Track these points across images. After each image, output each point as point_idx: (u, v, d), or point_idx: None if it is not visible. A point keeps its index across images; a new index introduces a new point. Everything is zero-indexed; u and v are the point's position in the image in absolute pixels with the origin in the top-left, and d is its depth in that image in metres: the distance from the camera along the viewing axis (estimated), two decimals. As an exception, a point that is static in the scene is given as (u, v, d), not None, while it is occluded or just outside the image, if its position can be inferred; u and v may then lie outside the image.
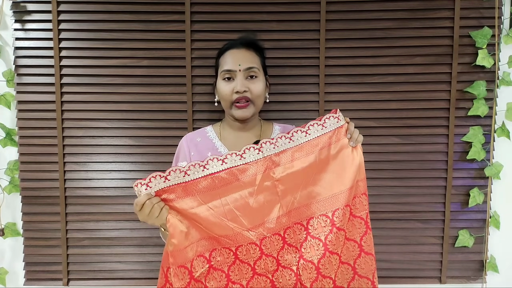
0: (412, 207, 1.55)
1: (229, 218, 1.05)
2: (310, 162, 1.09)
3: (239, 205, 1.06)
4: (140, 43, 1.51)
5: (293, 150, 1.08)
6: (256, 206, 1.06)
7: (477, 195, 1.52)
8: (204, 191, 1.05)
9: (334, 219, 1.07)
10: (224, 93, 1.17)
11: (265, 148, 1.08)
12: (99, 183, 1.55)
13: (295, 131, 1.09)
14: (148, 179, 1.02)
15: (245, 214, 1.05)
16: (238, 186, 1.06)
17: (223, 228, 1.05)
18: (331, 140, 1.10)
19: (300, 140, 1.09)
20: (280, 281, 1.07)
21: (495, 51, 1.49)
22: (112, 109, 1.53)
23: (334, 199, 1.09)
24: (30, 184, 1.55)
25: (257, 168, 1.07)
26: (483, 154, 1.51)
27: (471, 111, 1.51)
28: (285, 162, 1.08)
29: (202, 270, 1.05)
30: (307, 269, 1.06)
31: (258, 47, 1.24)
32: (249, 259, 1.07)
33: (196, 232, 1.05)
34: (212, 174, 1.05)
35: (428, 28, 1.51)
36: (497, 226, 1.56)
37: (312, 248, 1.07)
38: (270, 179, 1.07)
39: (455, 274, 1.58)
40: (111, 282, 1.57)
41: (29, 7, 1.50)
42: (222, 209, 1.05)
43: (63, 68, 1.52)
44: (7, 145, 1.55)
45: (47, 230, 1.56)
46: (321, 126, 1.10)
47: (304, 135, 1.09)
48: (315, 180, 1.09)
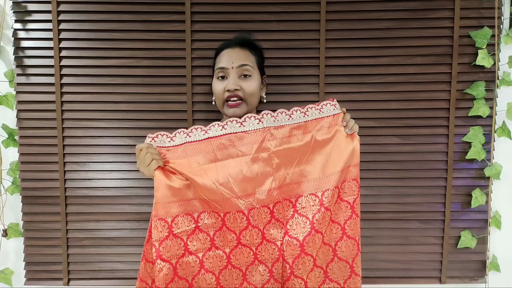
0: (412, 207, 1.55)
1: (221, 183, 1.06)
2: (306, 141, 1.11)
3: (232, 172, 1.07)
4: (140, 43, 1.51)
5: (291, 127, 1.11)
6: (250, 175, 1.08)
7: (479, 196, 1.52)
8: (202, 153, 1.08)
9: (323, 199, 1.09)
10: (216, 91, 1.18)
11: (266, 119, 1.10)
12: (99, 183, 1.55)
13: (294, 110, 1.13)
14: (155, 134, 1.09)
15: (237, 181, 1.07)
16: (234, 153, 1.09)
17: (213, 192, 1.06)
18: (328, 123, 1.13)
19: (299, 119, 1.12)
20: (263, 255, 1.09)
21: (495, 51, 1.49)
22: (112, 109, 1.53)
23: (325, 180, 1.11)
24: (31, 184, 1.55)
25: (255, 137, 1.09)
26: (483, 154, 1.51)
27: (472, 112, 1.51)
28: (283, 136, 1.10)
29: (187, 229, 1.07)
30: (291, 245, 1.08)
31: (253, 46, 1.24)
32: (235, 228, 1.08)
33: (189, 192, 1.08)
34: (212, 137, 1.09)
35: (428, 28, 1.51)
36: (498, 226, 1.56)
37: (298, 225, 1.09)
38: (266, 150, 1.09)
39: (455, 274, 1.58)
40: (111, 282, 1.58)
41: (30, 7, 1.50)
42: (215, 173, 1.07)
43: (63, 68, 1.52)
44: (10, 146, 1.55)
45: (47, 230, 1.56)
46: (319, 111, 1.13)
47: (303, 115, 1.12)
48: (309, 159, 1.11)
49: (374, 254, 1.56)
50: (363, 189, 1.51)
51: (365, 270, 1.53)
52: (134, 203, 1.55)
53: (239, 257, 1.09)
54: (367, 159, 1.53)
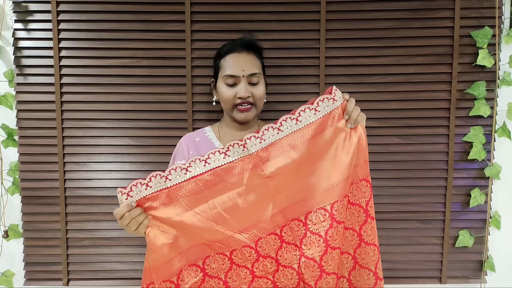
0: (412, 207, 1.55)
1: (218, 222, 0.99)
2: (303, 153, 0.99)
3: (227, 207, 0.99)
4: (140, 43, 1.51)
5: (283, 142, 0.99)
6: (246, 206, 0.99)
7: (478, 196, 1.52)
8: (189, 195, 0.98)
9: (334, 212, 1.00)
10: (226, 97, 1.17)
11: (250, 144, 0.99)
12: (99, 183, 1.54)
13: (284, 120, 0.99)
14: (129, 187, 0.97)
15: (234, 216, 0.99)
16: (225, 187, 0.99)
17: (213, 233, 0.99)
18: (326, 124, 1.00)
19: (290, 128, 0.99)
20: (282, 281, 1.01)
21: (495, 51, 1.49)
22: (112, 109, 1.53)
23: (332, 191, 1.00)
24: (30, 184, 1.55)
25: (243, 166, 0.99)
26: (484, 154, 1.50)
27: (473, 112, 1.51)
28: (275, 155, 0.99)
29: (195, 280, 1.00)
30: (310, 267, 1.00)
31: (257, 49, 1.24)
32: (246, 263, 1.01)
33: (185, 240, 1.00)
34: (195, 176, 0.98)
35: (428, 28, 1.51)
36: (498, 226, 1.56)
37: (312, 244, 1.00)
38: (259, 177, 0.99)
39: (455, 274, 1.57)
40: (111, 282, 1.57)
41: (29, 7, 1.50)
42: (210, 213, 0.98)
43: (63, 68, 1.52)
44: (9, 146, 1.55)
45: (47, 230, 1.56)
46: (314, 111, 0.99)
47: (295, 122, 0.99)
48: (310, 171, 1.01)
49: (374, 254, 1.56)
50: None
51: (365, 270, 1.53)
52: (134, 203, 1.55)
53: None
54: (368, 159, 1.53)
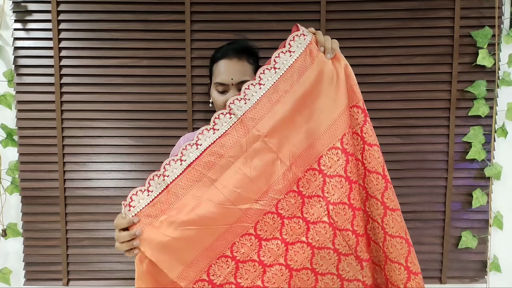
0: (412, 207, 1.55)
1: (232, 200, 0.93)
2: (293, 99, 0.94)
3: (236, 181, 0.93)
4: (140, 43, 1.51)
5: (269, 95, 0.94)
6: (255, 173, 0.94)
7: (480, 196, 1.52)
8: (193, 184, 0.93)
9: (345, 147, 0.94)
10: (217, 103, 1.17)
11: (236, 108, 0.94)
12: (99, 183, 1.54)
13: (261, 73, 0.95)
14: (129, 198, 0.93)
15: (246, 188, 0.94)
16: (226, 162, 0.94)
17: (230, 214, 0.93)
18: (306, 63, 0.94)
19: (271, 79, 0.94)
20: (318, 239, 0.94)
21: (495, 51, 1.49)
22: (112, 109, 1.53)
23: (335, 126, 0.95)
24: (30, 184, 1.55)
25: (237, 134, 0.94)
26: (484, 154, 1.50)
27: (472, 111, 1.51)
28: (265, 112, 0.94)
29: (229, 270, 0.94)
30: (340, 212, 0.94)
31: (250, 53, 1.21)
32: (274, 232, 0.95)
33: (204, 236, 0.93)
34: (192, 163, 0.94)
35: (428, 28, 1.51)
36: (500, 226, 1.56)
37: (335, 188, 0.94)
38: (256, 138, 0.94)
39: (455, 274, 1.57)
40: (111, 282, 1.57)
41: (29, 7, 1.50)
42: (220, 194, 0.93)
43: (63, 68, 1.52)
44: (8, 146, 1.54)
45: (47, 230, 1.56)
46: (289, 53, 0.94)
47: (274, 72, 0.94)
48: (307, 115, 0.95)
49: (374, 254, 1.56)
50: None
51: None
52: (134, 203, 1.55)
53: (296, 257, 0.95)
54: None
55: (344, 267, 0.97)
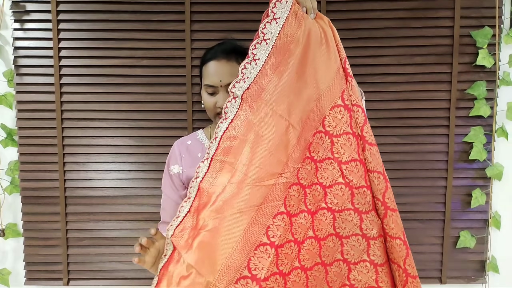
0: (412, 207, 1.55)
1: (256, 178, 0.91)
2: (291, 65, 0.94)
3: (256, 158, 0.92)
4: (140, 43, 1.51)
5: (266, 67, 0.94)
6: (272, 145, 0.93)
7: (479, 196, 1.52)
8: (217, 176, 0.92)
9: (346, 103, 0.95)
10: (207, 106, 1.17)
11: (237, 90, 0.94)
12: (99, 183, 1.54)
13: (253, 48, 0.95)
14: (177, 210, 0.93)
15: (267, 162, 0.92)
16: (241, 142, 0.93)
17: (258, 194, 0.91)
18: (293, 27, 0.94)
19: (265, 52, 0.94)
20: (336, 202, 0.94)
21: (495, 51, 1.49)
22: (112, 109, 1.53)
23: (334, 84, 0.95)
24: (30, 184, 1.55)
25: (244, 113, 0.94)
26: (485, 155, 1.50)
27: (473, 112, 1.50)
28: (266, 83, 0.94)
29: (270, 259, 0.89)
30: (354, 169, 0.94)
31: (239, 53, 1.20)
32: (300, 205, 0.94)
33: (231, 231, 0.90)
34: (213, 155, 0.93)
35: (428, 27, 1.51)
36: (498, 226, 1.56)
37: (344, 147, 0.94)
38: (263, 110, 0.93)
39: (455, 274, 1.58)
40: (111, 282, 1.57)
41: (29, 7, 1.50)
42: (242, 175, 0.91)
43: (63, 68, 1.52)
44: (8, 146, 1.55)
45: (47, 230, 1.56)
46: (274, 21, 0.94)
47: (265, 44, 0.95)
48: (306, 79, 0.95)
49: (374, 254, 1.56)
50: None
51: (365, 270, 1.53)
52: (134, 203, 1.55)
53: (321, 226, 0.95)
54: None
55: (367, 225, 0.95)
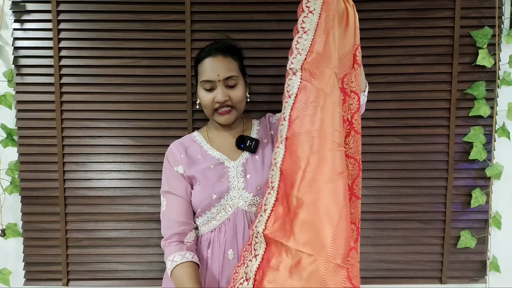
0: (412, 207, 1.55)
1: (341, 143, 0.97)
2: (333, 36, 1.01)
3: (337, 123, 0.97)
4: (140, 43, 1.51)
5: (316, 33, 1.00)
6: (340, 106, 1.01)
7: (479, 196, 1.52)
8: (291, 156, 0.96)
9: (344, 86, 1.06)
10: (205, 102, 1.17)
11: (295, 64, 1.01)
12: (98, 183, 1.54)
13: (296, 43, 1.01)
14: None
15: (341, 124, 0.99)
16: (314, 108, 0.97)
17: (342, 157, 0.96)
18: (329, 15, 1.00)
19: (307, 41, 1.00)
20: (351, 147, 1.06)
21: (495, 51, 1.49)
22: (112, 109, 1.53)
23: (340, 65, 1.04)
24: (30, 184, 1.54)
25: (309, 82, 0.99)
26: (485, 155, 1.50)
27: (473, 112, 1.50)
28: (321, 48, 1.00)
29: (359, 208, 1.05)
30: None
31: (234, 51, 1.22)
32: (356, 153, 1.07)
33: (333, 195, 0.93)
34: (287, 138, 0.99)
35: (428, 28, 1.51)
36: (499, 226, 1.56)
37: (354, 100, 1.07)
38: (328, 74, 0.99)
39: (455, 274, 1.57)
40: (111, 282, 1.57)
41: (29, 7, 1.49)
42: (328, 143, 0.94)
43: (63, 68, 1.52)
44: (8, 146, 1.54)
45: (46, 230, 1.56)
46: (310, 13, 1.01)
47: (312, 15, 1.00)
48: (339, 45, 1.04)
49: (374, 254, 1.56)
50: (364, 189, 1.50)
51: (365, 270, 1.53)
52: (133, 203, 1.55)
53: (354, 145, 1.07)
54: (367, 159, 1.53)
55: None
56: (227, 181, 1.15)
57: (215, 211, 1.14)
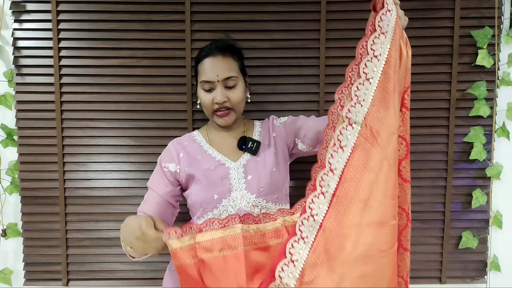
0: (412, 207, 1.52)
1: (393, 214, 0.91)
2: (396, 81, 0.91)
3: (390, 193, 0.90)
4: (140, 43, 1.51)
5: (380, 85, 0.89)
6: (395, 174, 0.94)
7: (480, 196, 1.52)
8: (346, 212, 0.87)
9: (405, 102, 0.97)
10: (204, 103, 1.17)
11: (355, 114, 0.87)
12: (98, 183, 1.54)
13: (364, 67, 0.89)
14: (288, 252, 0.85)
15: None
16: (375, 175, 0.88)
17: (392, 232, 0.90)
18: (396, 41, 0.89)
19: (377, 70, 0.89)
20: (402, 175, 0.99)
21: (495, 51, 1.49)
22: (112, 109, 1.53)
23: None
24: (30, 184, 1.54)
25: (369, 141, 0.87)
26: (485, 155, 1.51)
27: (473, 112, 1.51)
28: (386, 103, 0.89)
29: None
30: None
31: (234, 51, 1.22)
32: None
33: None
34: (335, 192, 0.88)
35: (428, 28, 1.51)
36: (500, 226, 1.56)
37: (402, 146, 1.00)
38: (387, 137, 0.89)
39: (455, 274, 1.57)
40: (111, 282, 1.57)
41: (29, 7, 1.49)
42: (378, 213, 0.87)
43: (63, 68, 1.52)
44: (8, 146, 1.54)
45: (46, 230, 1.56)
46: (382, 35, 0.88)
47: (377, 61, 0.89)
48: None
49: (374, 254, 1.56)
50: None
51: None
52: (133, 203, 1.55)
53: (401, 194, 1.00)
54: (367, 159, 1.53)
55: None
56: (228, 182, 1.15)
57: (217, 213, 1.14)
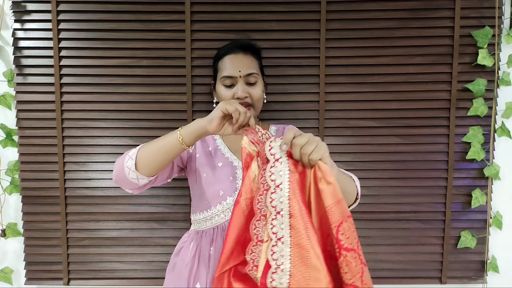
0: (412, 207, 1.55)
1: None
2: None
3: None
4: (140, 43, 1.51)
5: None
6: None
7: (480, 196, 1.52)
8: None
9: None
10: (225, 98, 1.17)
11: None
12: (99, 183, 1.55)
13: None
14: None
15: None
16: None
17: None
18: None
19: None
20: None
21: (495, 51, 1.49)
22: (112, 109, 1.53)
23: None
24: (30, 184, 1.55)
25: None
26: (483, 154, 1.50)
27: (471, 111, 1.51)
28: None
29: None
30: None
31: (255, 50, 1.23)
32: None
33: None
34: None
35: (428, 27, 1.51)
36: (500, 226, 1.56)
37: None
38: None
39: (455, 274, 1.58)
40: (111, 282, 1.57)
41: (29, 7, 1.50)
42: None
43: (63, 68, 1.52)
44: (8, 146, 1.55)
45: (47, 230, 1.56)
46: (279, 189, 0.82)
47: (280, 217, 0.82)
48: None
49: (374, 254, 1.56)
50: (364, 189, 1.50)
51: (365, 270, 1.53)
52: (134, 203, 1.55)
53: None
54: (367, 159, 1.53)
55: None
56: (235, 182, 1.15)
57: (220, 209, 1.14)
